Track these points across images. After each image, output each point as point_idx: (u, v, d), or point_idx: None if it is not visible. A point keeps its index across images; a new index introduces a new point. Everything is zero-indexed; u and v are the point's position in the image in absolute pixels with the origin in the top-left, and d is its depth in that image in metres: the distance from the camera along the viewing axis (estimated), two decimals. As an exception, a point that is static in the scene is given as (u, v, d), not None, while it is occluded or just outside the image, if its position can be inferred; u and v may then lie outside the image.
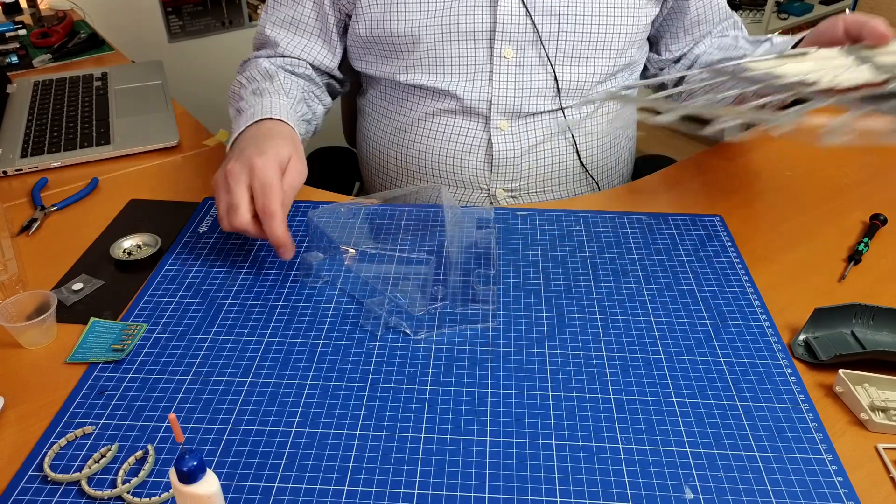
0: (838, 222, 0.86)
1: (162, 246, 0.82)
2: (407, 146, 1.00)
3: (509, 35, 0.90)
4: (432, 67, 0.93)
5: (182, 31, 2.00)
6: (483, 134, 0.95)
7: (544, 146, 0.97)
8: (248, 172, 0.73)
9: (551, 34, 0.90)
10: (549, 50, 0.91)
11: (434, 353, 0.68)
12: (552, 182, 1.00)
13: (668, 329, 0.70)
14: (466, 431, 0.60)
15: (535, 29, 0.90)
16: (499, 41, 0.90)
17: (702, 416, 0.61)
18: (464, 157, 0.97)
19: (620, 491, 0.55)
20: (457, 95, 0.93)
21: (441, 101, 0.95)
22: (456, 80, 0.93)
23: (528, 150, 0.96)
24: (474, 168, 0.97)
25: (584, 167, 1.00)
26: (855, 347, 0.67)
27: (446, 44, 0.91)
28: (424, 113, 0.97)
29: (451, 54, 0.92)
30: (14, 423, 0.62)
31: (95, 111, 1.14)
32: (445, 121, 0.96)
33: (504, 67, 0.92)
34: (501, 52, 0.91)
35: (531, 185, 0.99)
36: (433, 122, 0.97)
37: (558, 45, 0.91)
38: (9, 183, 0.99)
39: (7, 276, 0.76)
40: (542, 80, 0.93)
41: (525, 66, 0.92)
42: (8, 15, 1.59)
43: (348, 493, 0.55)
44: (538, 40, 0.90)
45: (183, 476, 0.43)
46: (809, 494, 0.55)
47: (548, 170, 0.98)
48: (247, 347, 0.69)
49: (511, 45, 0.91)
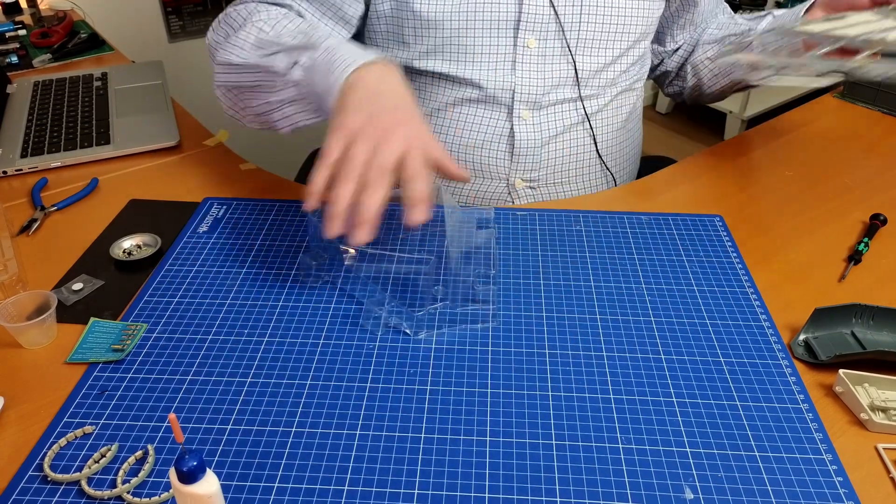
0: (838, 222, 0.86)
1: (162, 246, 0.82)
2: None
3: (533, 25, 0.90)
4: (454, 55, 0.93)
5: (182, 31, 2.00)
6: (505, 123, 0.95)
7: (564, 136, 0.97)
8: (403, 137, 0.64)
9: (573, 24, 0.91)
10: (569, 39, 0.92)
11: (434, 353, 0.68)
12: (571, 173, 1.00)
13: (668, 329, 0.70)
14: (466, 431, 0.60)
15: (557, 18, 0.90)
16: (523, 31, 0.91)
17: (702, 416, 0.61)
18: (485, 146, 0.96)
19: (620, 491, 0.55)
20: (479, 84, 0.93)
21: (462, 90, 0.94)
22: (478, 68, 0.93)
23: (549, 139, 0.96)
24: (496, 158, 0.97)
25: (601, 158, 1.00)
26: (855, 347, 0.67)
27: (470, 31, 0.91)
28: (445, 102, 0.96)
29: (475, 42, 0.91)
30: (14, 423, 0.62)
31: (95, 111, 1.14)
32: (467, 110, 0.96)
33: (527, 57, 0.92)
34: (525, 42, 0.91)
35: (549, 176, 0.99)
36: (454, 111, 0.96)
37: (578, 35, 0.92)
38: (9, 183, 0.99)
39: (7, 276, 0.76)
40: (562, 69, 0.94)
41: (547, 56, 0.93)
42: (8, 15, 1.59)
43: (348, 493, 0.55)
44: (560, 30, 0.91)
45: (183, 476, 0.43)
46: (809, 494, 0.55)
47: (567, 160, 0.99)
48: (247, 347, 0.69)
49: (534, 35, 0.91)
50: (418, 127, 0.65)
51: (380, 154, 0.62)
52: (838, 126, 1.09)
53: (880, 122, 1.09)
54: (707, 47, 1.05)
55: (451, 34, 0.91)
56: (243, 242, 0.83)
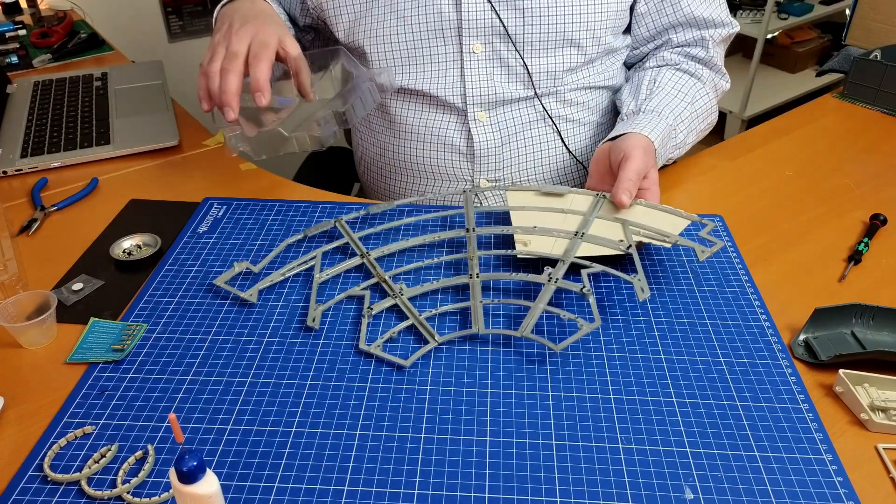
0: (838, 222, 0.86)
1: (162, 246, 0.82)
2: (392, 144, 1.01)
3: (476, 31, 0.91)
4: (406, 68, 0.94)
5: (182, 31, 2.00)
6: (461, 126, 0.96)
7: (525, 134, 0.97)
8: (251, 34, 0.80)
9: (517, 28, 0.91)
10: (517, 43, 0.92)
11: (434, 353, 0.68)
12: (538, 169, 1.00)
13: (668, 329, 0.70)
14: (466, 431, 0.60)
15: (501, 22, 0.90)
16: (467, 37, 0.91)
17: (702, 416, 0.61)
18: (444, 150, 0.98)
19: (620, 491, 0.55)
20: (430, 93, 0.95)
21: (416, 98, 0.96)
22: (428, 77, 0.94)
23: (509, 137, 0.97)
24: (457, 160, 0.98)
25: (570, 153, 1.00)
26: (855, 347, 0.67)
27: (417, 43, 0.92)
28: (404, 111, 0.98)
29: (423, 52, 0.93)
30: (14, 423, 0.62)
31: (95, 111, 1.14)
32: (424, 117, 0.97)
33: (475, 62, 0.93)
34: (470, 48, 0.92)
35: (515, 174, 0.99)
36: (413, 119, 0.98)
37: (525, 39, 0.92)
38: (9, 183, 0.99)
39: (7, 276, 0.76)
40: (513, 71, 0.94)
41: (495, 60, 0.93)
42: (8, 15, 1.59)
43: (348, 493, 0.55)
44: (505, 34, 0.91)
45: (183, 476, 0.43)
46: (809, 494, 0.55)
47: (531, 157, 0.99)
48: (247, 347, 0.69)
49: (479, 40, 0.92)
50: (266, 28, 0.81)
51: (231, 45, 0.79)
52: (838, 126, 1.09)
53: (880, 122, 1.09)
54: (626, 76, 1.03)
55: (399, 48, 0.93)
56: (243, 242, 0.83)
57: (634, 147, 0.80)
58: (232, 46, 0.79)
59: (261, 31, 0.80)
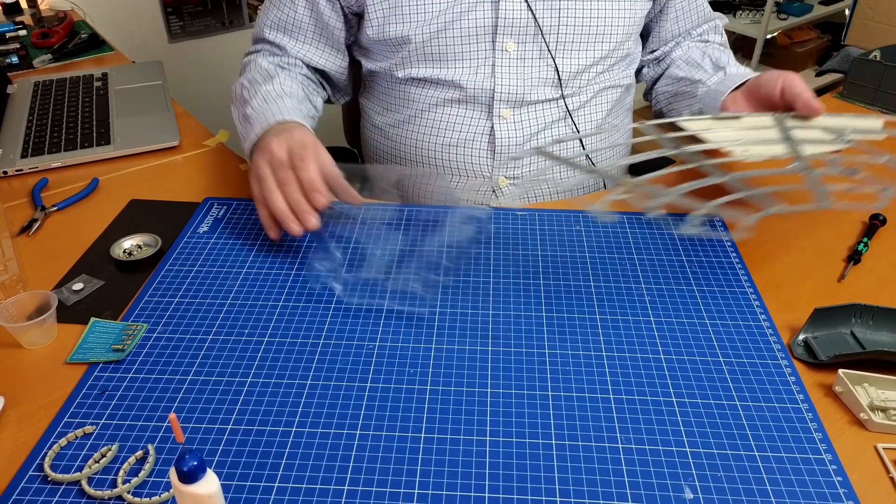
0: (838, 222, 0.86)
1: (162, 246, 0.82)
2: (410, 138, 1.01)
3: (511, 29, 0.91)
4: (435, 63, 0.94)
5: (182, 32, 2.00)
6: (486, 122, 0.96)
7: (545, 133, 0.98)
8: (291, 165, 0.79)
9: (551, 27, 0.92)
10: (549, 42, 0.93)
11: (434, 353, 0.68)
12: (556, 169, 1.00)
13: (668, 329, 0.70)
14: (466, 431, 0.60)
15: (536, 22, 0.91)
16: (501, 35, 0.92)
17: (702, 416, 0.61)
18: (466, 145, 0.98)
19: (620, 491, 0.55)
20: (459, 85, 0.95)
21: (443, 91, 0.96)
22: (458, 72, 0.94)
23: (531, 136, 0.97)
24: (477, 156, 0.98)
25: (586, 154, 1.01)
26: (854, 347, 0.67)
27: (449, 41, 0.92)
28: (427, 104, 0.98)
29: (455, 50, 0.93)
30: (14, 423, 0.62)
31: (95, 111, 1.15)
32: (448, 110, 0.97)
33: (506, 60, 0.93)
34: (503, 46, 0.92)
35: (533, 173, 0.99)
36: (435, 112, 0.98)
37: (558, 38, 0.93)
38: (9, 183, 0.99)
39: (7, 276, 0.76)
40: (542, 70, 0.94)
41: (526, 59, 0.93)
42: (8, 15, 1.58)
43: (348, 492, 0.55)
44: (539, 33, 0.92)
45: (183, 476, 0.43)
46: (809, 494, 0.55)
47: None
48: (247, 347, 0.69)
49: (513, 39, 0.92)
50: (324, 156, 0.80)
51: (301, 172, 0.77)
52: (838, 126, 1.08)
53: (880, 123, 1.09)
54: (668, 80, 1.05)
55: (430, 46, 0.93)
56: (243, 242, 0.83)
57: (781, 73, 0.82)
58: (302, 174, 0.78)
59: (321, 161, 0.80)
